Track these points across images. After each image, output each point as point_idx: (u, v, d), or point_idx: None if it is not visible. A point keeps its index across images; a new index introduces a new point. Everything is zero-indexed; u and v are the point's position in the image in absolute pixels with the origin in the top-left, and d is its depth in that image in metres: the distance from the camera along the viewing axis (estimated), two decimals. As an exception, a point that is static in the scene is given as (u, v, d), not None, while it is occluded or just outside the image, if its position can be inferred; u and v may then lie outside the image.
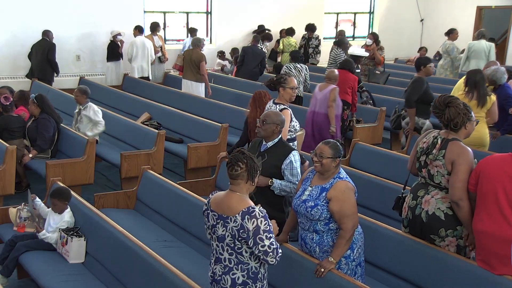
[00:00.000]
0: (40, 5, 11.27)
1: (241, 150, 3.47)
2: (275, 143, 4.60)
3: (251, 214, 3.34)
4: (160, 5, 13.21)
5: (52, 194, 5.13)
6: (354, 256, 3.96)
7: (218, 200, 3.50)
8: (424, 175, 4.24)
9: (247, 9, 13.90)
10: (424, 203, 4.20)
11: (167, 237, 5.25)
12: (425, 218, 4.18)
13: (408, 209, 4.33)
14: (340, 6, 16.18)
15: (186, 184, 6.12)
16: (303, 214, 3.95)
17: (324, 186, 3.93)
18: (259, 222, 3.33)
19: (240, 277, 3.45)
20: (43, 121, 7.09)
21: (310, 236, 3.99)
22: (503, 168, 3.78)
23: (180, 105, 9.56)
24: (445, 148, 4.08)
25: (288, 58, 13.25)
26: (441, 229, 4.12)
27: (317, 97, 7.71)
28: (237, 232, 3.36)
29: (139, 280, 4.13)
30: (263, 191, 4.45)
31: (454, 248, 4.14)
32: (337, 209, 3.82)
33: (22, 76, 11.31)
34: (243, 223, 3.33)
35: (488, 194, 3.80)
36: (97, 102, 9.56)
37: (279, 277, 4.10)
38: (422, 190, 4.26)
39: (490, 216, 3.78)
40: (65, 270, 4.62)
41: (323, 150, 3.92)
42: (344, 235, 3.83)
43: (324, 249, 3.95)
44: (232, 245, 3.42)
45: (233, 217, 3.37)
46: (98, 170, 7.51)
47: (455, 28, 12.20)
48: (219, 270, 3.50)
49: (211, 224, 3.50)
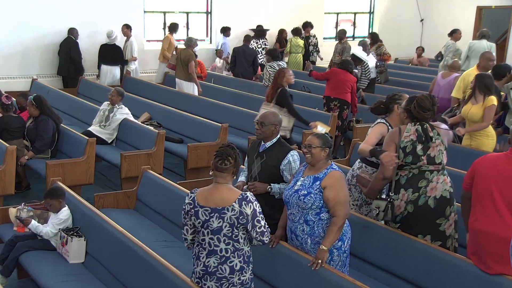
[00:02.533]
0: (40, 5, 11.26)
1: (231, 145, 3.61)
2: (274, 143, 4.61)
3: (246, 199, 3.53)
4: (160, 5, 13.20)
5: (45, 195, 5.14)
6: (345, 247, 4.07)
7: (205, 195, 3.59)
8: (422, 163, 4.35)
9: (247, 9, 13.90)
10: (429, 191, 4.34)
11: (167, 237, 5.25)
12: (433, 204, 4.33)
13: (407, 204, 4.37)
14: (340, 6, 16.17)
15: (186, 184, 6.12)
16: (295, 203, 4.02)
17: (317, 176, 4.02)
18: (255, 206, 3.55)
19: (237, 263, 3.60)
20: (42, 122, 7.08)
21: (301, 228, 4.04)
22: (498, 167, 3.79)
23: (180, 105, 9.56)
24: (434, 128, 4.45)
25: (295, 59, 13.28)
26: (447, 207, 4.37)
27: (440, 84, 8.51)
28: (236, 219, 3.51)
29: (139, 280, 4.13)
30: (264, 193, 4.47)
31: (453, 224, 4.40)
32: (332, 196, 3.92)
33: (22, 76, 11.32)
34: (241, 209, 3.50)
35: (484, 193, 3.82)
36: (97, 101, 9.58)
37: (270, 273, 4.12)
38: (423, 181, 4.35)
39: (486, 215, 3.79)
40: (65, 270, 4.63)
41: (311, 141, 4.05)
42: (337, 222, 3.92)
43: (315, 240, 4.01)
44: (229, 235, 3.55)
45: (230, 207, 3.51)
46: (98, 170, 7.51)
47: (457, 28, 12.18)
48: (213, 262, 3.58)
49: (202, 220, 3.55)
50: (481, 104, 6.30)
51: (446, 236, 4.38)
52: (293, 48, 13.33)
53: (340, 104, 8.55)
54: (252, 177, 4.60)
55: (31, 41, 11.37)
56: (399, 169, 4.42)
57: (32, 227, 4.97)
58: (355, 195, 5.05)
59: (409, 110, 4.49)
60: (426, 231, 4.36)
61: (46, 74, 11.66)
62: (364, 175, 4.82)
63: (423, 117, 4.43)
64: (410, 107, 4.47)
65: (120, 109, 7.99)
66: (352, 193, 5.04)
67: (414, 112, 4.43)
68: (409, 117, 4.51)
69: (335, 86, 8.61)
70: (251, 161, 4.63)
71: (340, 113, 8.50)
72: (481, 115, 6.30)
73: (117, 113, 7.94)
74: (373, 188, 4.55)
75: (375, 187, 4.54)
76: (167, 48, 11.86)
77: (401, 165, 4.42)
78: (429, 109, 4.42)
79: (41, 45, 11.50)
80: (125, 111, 8.05)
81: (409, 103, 4.52)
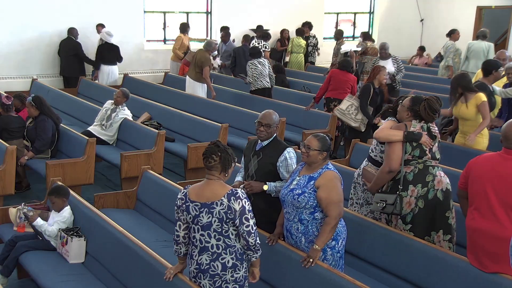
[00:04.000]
0: (40, 5, 11.26)
1: (217, 143, 3.65)
2: (270, 142, 4.61)
3: (235, 195, 3.54)
4: (160, 5, 13.19)
5: (50, 192, 5.15)
6: (338, 247, 4.09)
7: (197, 190, 3.64)
8: (427, 157, 4.48)
9: (247, 9, 13.89)
10: (437, 184, 4.46)
11: (167, 237, 5.25)
12: (441, 197, 4.46)
13: (417, 200, 4.43)
14: (340, 6, 16.16)
15: (186, 184, 6.08)
16: (290, 202, 4.06)
17: (312, 175, 4.06)
18: (244, 203, 3.55)
19: (229, 260, 3.61)
20: (41, 123, 7.08)
21: (295, 226, 4.09)
22: (492, 167, 3.82)
23: (180, 105, 9.57)
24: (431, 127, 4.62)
25: (296, 59, 13.28)
26: (450, 200, 4.52)
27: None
28: (224, 214, 3.53)
29: (139, 280, 4.14)
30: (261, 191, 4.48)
31: (455, 216, 4.53)
32: (324, 196, 3.95)
33: (22, 76, 11.32)
34: (230, 204, 3.52)
35: (478, 193, 3.85)
36: (96, 101, 9.59)
37: (266, 270, 4.11)
38: (429, 175, 4.46)
39: (481, 215, 3.82)
40: (65, 270, 4.63)
41: (311, 142, 4.08)
42: (330, 222, 3.94)
43: (309, 239, 4.05)
44: (219, 230, 3.57)
45: (219, 201, 3.54)
46: (98, 170, 7.52)
47: (456, 28, 12.19)
48: (206, 259, 3.60)
49: (192, 215, 3.59)
50: (470, 102, 6.31)
51: (453, 229, 4.52)
52: (295, 48, 13.35)
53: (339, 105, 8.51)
54: (249, 176, 4.60)
55: (31, 41, 11.37)
56: (405, 165, 4.47)
57: (37, 225, 4.97)
58: (359, 194, 5.06)
59: (414, 110, 4.56)
60: (437, 226, 4.46)
61: (46, 74, 11.66)
62: (370, 169, 4.85)
63: (432, 118, 4.57)
64: (416, 107, 4.55)
65: (122, 110, 8.01)
66: (357, 191, 5.06)
67: (423, 114, 4.53)
68: (413, 116, 4.59)
69: (335, 87, 8.61)
70: (248, 160, 4.63)
71: None
72: (474, 113, 6.32)
73: (119, 114, 7.96)
74: (377, 182, 4.62)
75: (380, 181, 4.60)
76: (179, 48, 11.96)
77: (407, 160, 4.47)
78: (438, 110, 4.57)
79: (41, 45, 11.50)
80: (126, 112, 8.08)
81: (414, 103, 4.57)
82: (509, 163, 3.77)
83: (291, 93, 10.44)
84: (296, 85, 11.36)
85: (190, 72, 10.17)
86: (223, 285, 3.63)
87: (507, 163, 3.78)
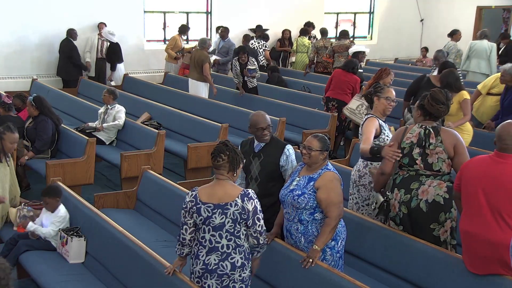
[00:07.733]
0: (40, 5, 11.25)
1: (225, 143, 3.66)
2: (269, 141, 4.63)
3: (248, 196, 3.59)
4: (160, 5, 13.20)
5: (43, 193, 5.14)
6: (338, 248, 4.09)
7: (208, 191, 3.63)
8: (418, 167, 4.32)
9: (247, 9, 13.89)
10: (421, 194, 4.29)
11: (167, 237, 5.25)
12: (425, 208, 4.27)
13: (400, 205, 4.36)
14: (340, 6, 16.15)
15: (186, 184, 6.12)
16: (290, 203, 4.06)
17: (311, 176, 4.06)
18: (256, 203, 3.61)
19: (239, 259, 3.63)
20: (41, 123, 7.07)
21: (295, 227, 4.09)
22: (483, 169, 3.79)
23: (180, 105, 9.56)
24: (439, 135, 4.30)
25: (301, 59, 13.27)
26: (441, 213, 4.27)
27: None
28: (238, 215, 3.56)
29: (139, 280, 4.14)
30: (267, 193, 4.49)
31: (449, 231, 4.30)
32: (324, 197, 3.96)
33: (22, 76, 11.32)
34: (244, 204, 3.56)
35: (470, 196, 3.82)
36: (96, 101, 9.58)
37: (265, 270, 4.12)
38: (415, 183, 4.33)
39: (472, 217, 3.80)
40: (65, 270, 4.63)
41: (311, 143, 4.07)
42: (330, 223, 3.95)
43: (309, 239, 4.05)
44: (231, 231, 3.59)
45: (233, 202, 3.56)
46: (98, 170, 7.51)
47: (457, 29, 12.16)
48: (214, 259, 3.60)
49: (204, 217, 3.58)
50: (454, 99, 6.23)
51: (440, 241, 4.32)
52: (300, 48, 13.35)
53: (338, 105, 8.49)
54: (252, 178, 4.61)
55: (31, 41, 11.37)
56: (400, 168, 4.43)
57: (29, 230, 4.96)
58: (364, 195, 5.01)
59: (422, 106, 4.39)
60: (422, 235, 4.32)
61: (46, 74, 11.67)
62: (374, 170, 4.83)
63: (436, 110, 4.33)
64: (422, 102, 4.39)
65: (113, 108, 7.96)
66: (361, 193, 5.03)
67: (427, 106, 4.34)
68: (422, 114, 4.41)
69: (335, 87, 8.61)
70: (248, 163, 4.62)
71: (338, 113, 8.45)
72: (455, 109, 6.36)
73: (109, 112, 7.93)
74: (375, 184, 4.62)
75: (376, 183, 4.59)
76: (172, 48, 11.96)
77: (400, 166, 4.42)
78: (443, 102, 4.33)
79: (41, 45, 11.51)
80: (118, 108, 7.99)
81: (421, 100, 4.44)
82: (500, 166, 3.73)
83: (291, 93, 10.44)
84: (295, 85, 11.36)
85: (192, 73, 10.17)
86: (231, 284, 3.64)
87: (498, 166, 3.73)
